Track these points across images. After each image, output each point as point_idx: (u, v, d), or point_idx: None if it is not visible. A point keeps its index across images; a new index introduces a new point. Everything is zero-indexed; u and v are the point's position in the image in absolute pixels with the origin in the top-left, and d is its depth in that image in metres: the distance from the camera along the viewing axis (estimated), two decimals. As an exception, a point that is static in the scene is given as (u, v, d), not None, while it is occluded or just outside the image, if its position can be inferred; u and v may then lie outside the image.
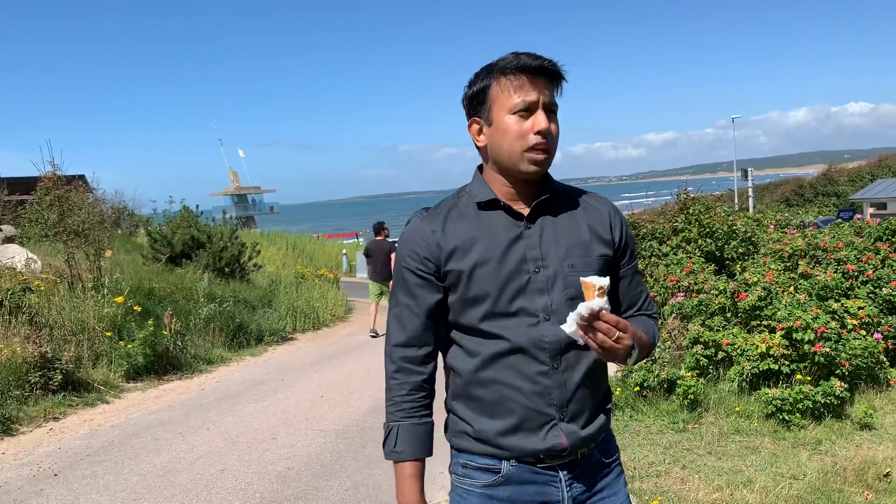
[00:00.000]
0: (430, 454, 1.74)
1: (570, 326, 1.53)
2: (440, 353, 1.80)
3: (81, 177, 20.38)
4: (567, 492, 1.70)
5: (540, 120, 1.64)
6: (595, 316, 1.50)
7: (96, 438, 5.84)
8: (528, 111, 1.65)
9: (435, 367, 1.78)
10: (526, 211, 1.71)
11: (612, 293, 1.78)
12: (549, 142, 1.66)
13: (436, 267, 1.71)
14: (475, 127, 1.74)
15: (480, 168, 1.80)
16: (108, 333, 7.90)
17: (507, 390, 1.66)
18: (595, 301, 1.50)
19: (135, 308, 8.58)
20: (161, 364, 8.31)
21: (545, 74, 1.66)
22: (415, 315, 1.73)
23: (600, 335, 1.51)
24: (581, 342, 1.56)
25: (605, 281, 1.52)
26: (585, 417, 1.69)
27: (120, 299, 8.42)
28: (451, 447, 1.78)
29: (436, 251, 1.70)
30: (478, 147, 1.76)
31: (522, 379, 1.65)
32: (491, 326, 1.66)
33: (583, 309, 1.50)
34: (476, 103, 1.72)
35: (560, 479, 1.69)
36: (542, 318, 1.64)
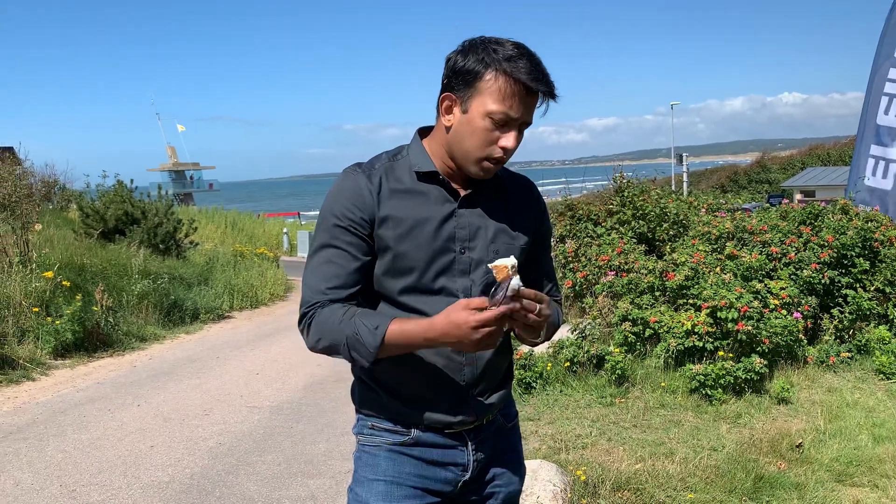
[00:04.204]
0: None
1: None
2: None
3: (9, 149, 19.63)
4: (472, 456, 1.75)
5: (509, 138, 1.58)
6: (516, 294, 1.52)
7: (20, 416, 5.70)
8: (504, 124, 1.58)
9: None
10: (462, 190, 1.68)
11: (525, 278, 1.82)
12: (507, 156, 1.61)
13: (371, 229, 1.64)
14: (447, 103, 1.63)
15: (421, 132, 1.74)
16: (36, 309, 7.67)
17: (421, 365, 1.67)
18: (514, 280, 1.51)
19: (64, 283, 8.35)
20: (91, 341, 8.12)
21: (539, 94, 1.59)
22: (344, 270, 1.63)
23: (524, 312, 1.50)
24: None
25: (513, 260, 1.52)
26: (491, 391, 1.75)
27: (49, 274, 8.18)
28: (359, 411, 1.79)
29: (371, 212, 1.63)
30: (441, 121, 1.66)
31: (437, 355, 1.66)
32: (411, 301, 1.64)
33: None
34: (460, 80, 1.59)
35: (467, 444, 1.75)
36: (461, 297, 1.62)
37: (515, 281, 1.50)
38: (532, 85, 1.55)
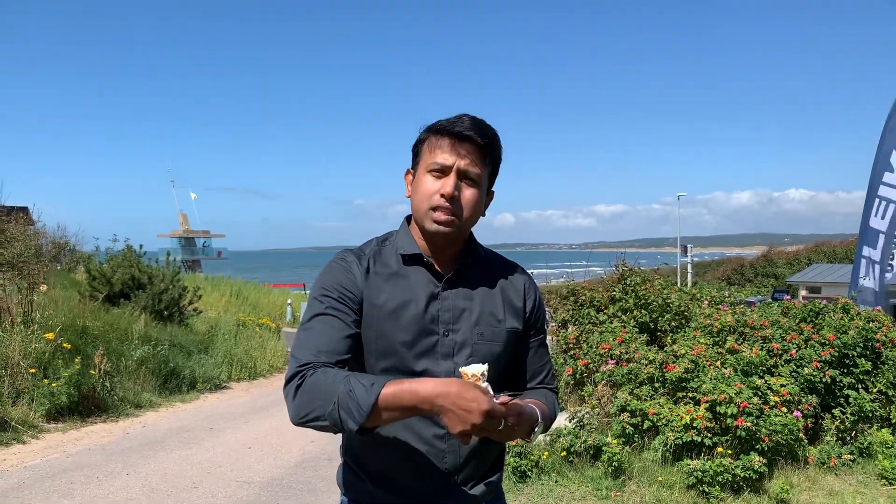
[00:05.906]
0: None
1: None
2: None
3: (24, 209, 19.89)
4: None
5: (447, 183, 1.65)
6: None
7: (6, 479, 5.62)
8: (441, 172, 1.66)
9: None
10: (446, 271, 1.72)
11: (518, 365, 1.82)
12: (453, 207, 1.65)
13: (360, 306, 1.67)
14: (408, 178, 1.77)
15: (409, 219, 1.81)
16: (33, 370, 7.65)
17: (402, 451, 1.66)
18: (484, 386, 1.49)
19: (64, 346, 8.34)
20: (86, 405, 8.06)
21: (470, 141, 1.66)
22: (337, 335, 1.62)
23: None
24: None
25: (483, 368, 1.50)
26: (476, 480, 1.73)
27: (50, 336, 8.19)
28: (343, 494, 1.79)
29: (359, 292, 1.66)
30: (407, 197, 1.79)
31: (419, 441, 1.66)
32: None
33: None
34: (413, 156, 1.76)
35: None
36: None
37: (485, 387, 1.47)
38: (452, 127, 1.66)
